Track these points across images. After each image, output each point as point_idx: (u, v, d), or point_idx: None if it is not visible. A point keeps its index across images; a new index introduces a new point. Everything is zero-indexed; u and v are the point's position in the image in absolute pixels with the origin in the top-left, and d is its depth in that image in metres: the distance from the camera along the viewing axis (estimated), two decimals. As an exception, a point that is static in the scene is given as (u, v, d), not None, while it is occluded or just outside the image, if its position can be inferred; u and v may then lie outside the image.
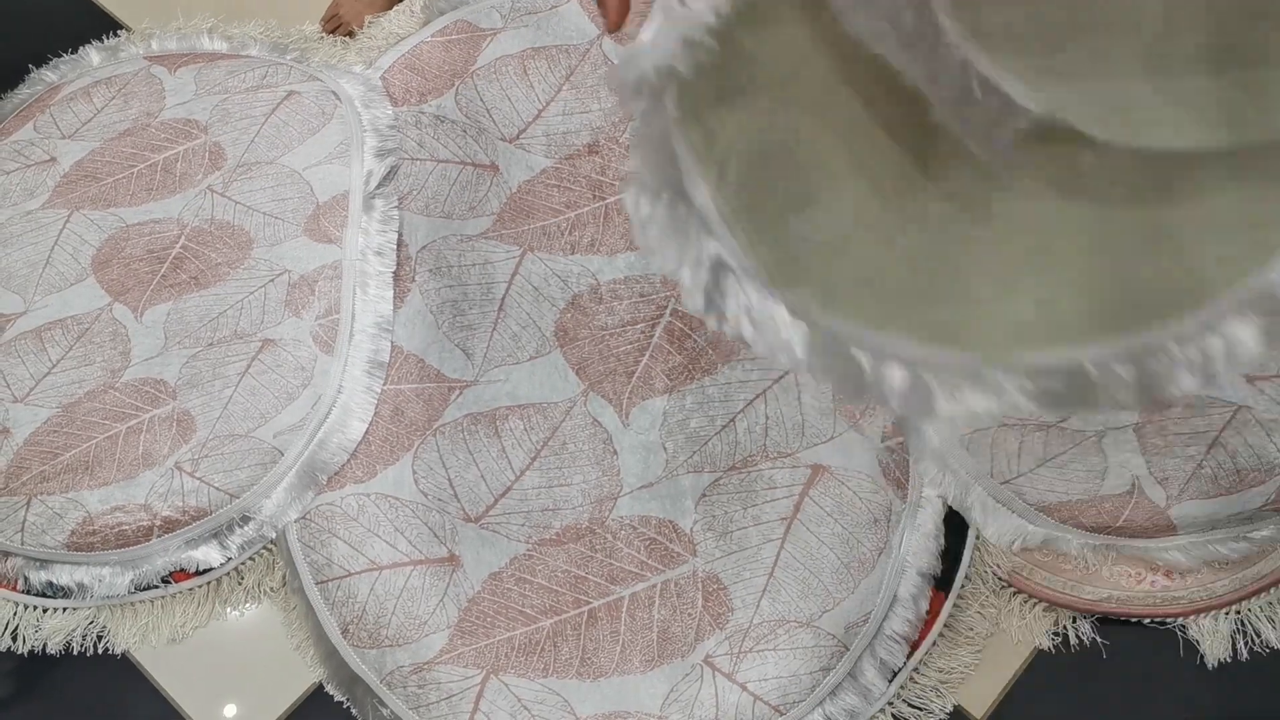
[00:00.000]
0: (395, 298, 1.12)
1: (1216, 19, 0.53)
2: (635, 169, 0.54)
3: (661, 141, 0.53)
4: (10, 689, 1.03)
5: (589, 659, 0.96)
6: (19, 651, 1.01)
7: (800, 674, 0.95)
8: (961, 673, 1.02)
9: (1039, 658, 1.04)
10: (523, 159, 1.23)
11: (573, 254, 1.17)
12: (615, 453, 1.05)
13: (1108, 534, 1.01)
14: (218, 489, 1.00)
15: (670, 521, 1.02)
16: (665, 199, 0.54)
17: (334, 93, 1.21)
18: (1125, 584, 1.03)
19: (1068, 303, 0.58)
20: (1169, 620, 1.03)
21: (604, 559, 1.01)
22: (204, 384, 1.03)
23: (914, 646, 1.00)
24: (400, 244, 1.14)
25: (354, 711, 0.99)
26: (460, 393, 1.10)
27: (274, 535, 1.03)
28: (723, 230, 0.55)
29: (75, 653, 1.02)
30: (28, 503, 0.99)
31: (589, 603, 0.98)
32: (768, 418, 1.07)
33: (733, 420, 1.06)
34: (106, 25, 1.35)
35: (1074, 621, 1.04)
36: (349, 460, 1.04)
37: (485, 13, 1.31)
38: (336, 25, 1.35)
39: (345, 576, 1.00)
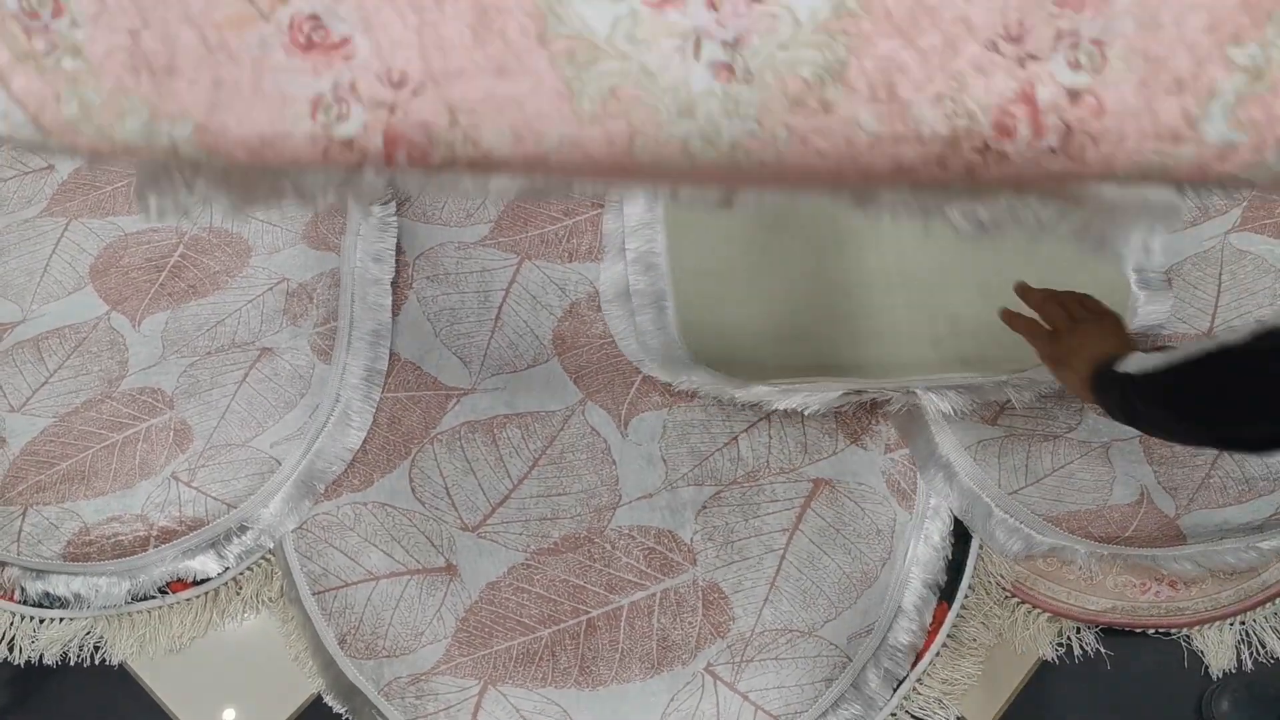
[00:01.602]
0: (393, 305, 1.11)
1: None
2: None
3: None
4: (6, 700, 1.02)
5: (588, 668, 0.95)
6: (15, 662, 1.00)
7: (803, 684, 0.94)
8: (965, 684, 1.01)
9: (1043, 668, 1.03)
10: None
11: (570, 261, 1.17)
12: (614, 463, 1.05)
13: (1117, 544, 1.00)
14: (215, 499, 0.99)
15: (670, 531, 1.01)
16: None
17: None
18: (1130, 594, 1.02)
19: None
20: (1173, 631, 1.02)
21: (602, 568, 1.00)
22: (202, 393, 1.03)
23: (918, 656, 0.99)
24: (398, 250, 1.14)
25: (352, 723, 0.98)
26: (458, 400, 1.09)
27: (271, 545, 1.02)
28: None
29: (72, 663, 1.01)
30: (24, 513, 0.99)
31: (588, 612, 0.98)
32: (770, 437, 1.06)
33: (735, 439, 1.06)
34: (105, 32, 1.34)
35: (1078, 632, 1.03)
36: (346, 469, 1.04)
37: None
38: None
39: (342, 587, 0.99)
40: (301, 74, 0.46)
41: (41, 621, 1.01)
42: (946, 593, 1.02)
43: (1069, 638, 1.03)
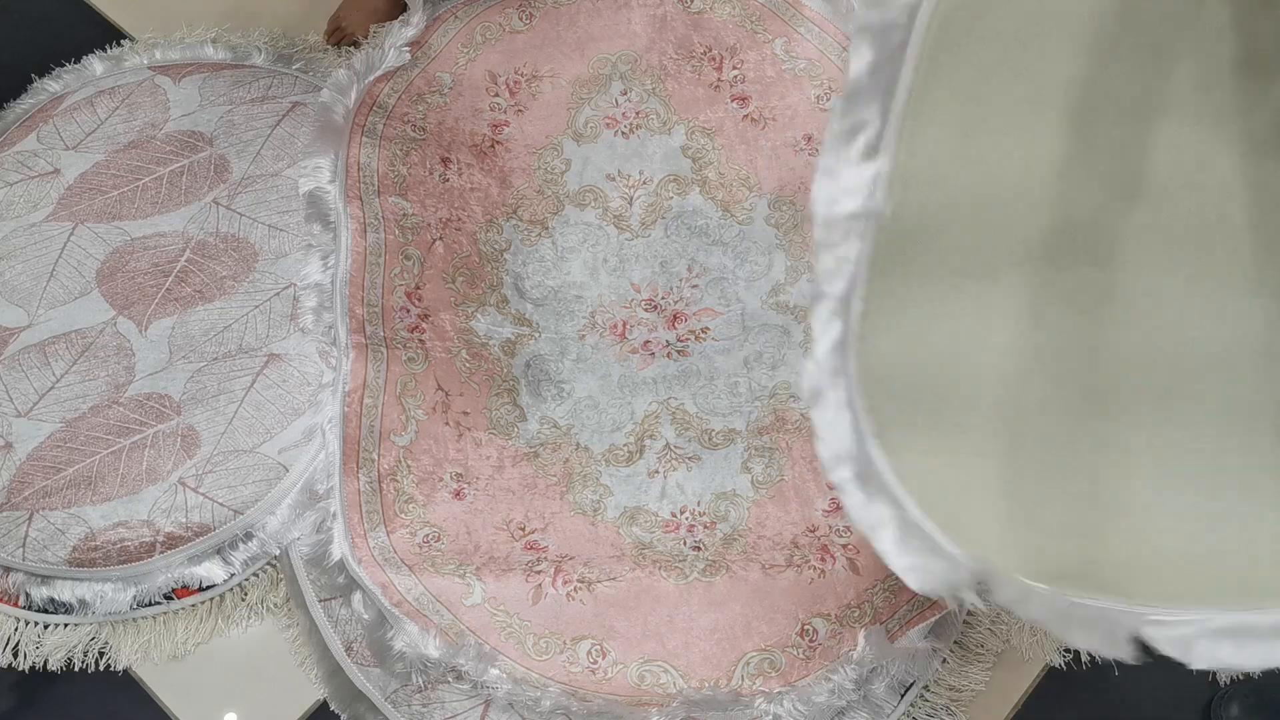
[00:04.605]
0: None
1: None
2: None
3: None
4: (11, 705, 1.02)
5: None
6: (20, 668, 1.00)
7: None
8: (972, 690, 1.01)
9: (1050, 674, 1.03)
10: None
11: None
12: None
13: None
14: (221, 505, 0.99)
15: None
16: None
17: (339, 104, 1.21)
18: (1137, 601, 1.02)
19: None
20: (1181, 637, 1.03)
21: None
22: (209, 399, 1.03)
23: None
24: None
25: (358, 730, 0.98)
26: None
27: (277, 551, 1.02)
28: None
29: (76, 669, 1.01)
30: (30, 518, 0.98)
31: None
32: None
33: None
34: (109, 34, 1.34)
35: (1085, 638, 1.03)
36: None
37: None
38: (341, 36, 1.34)
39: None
40: None
41: (46, 627, 1.01)
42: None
43: (1076, 644, 1.03)
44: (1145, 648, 0.48)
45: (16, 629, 1.01)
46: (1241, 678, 1.01)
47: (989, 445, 0.56)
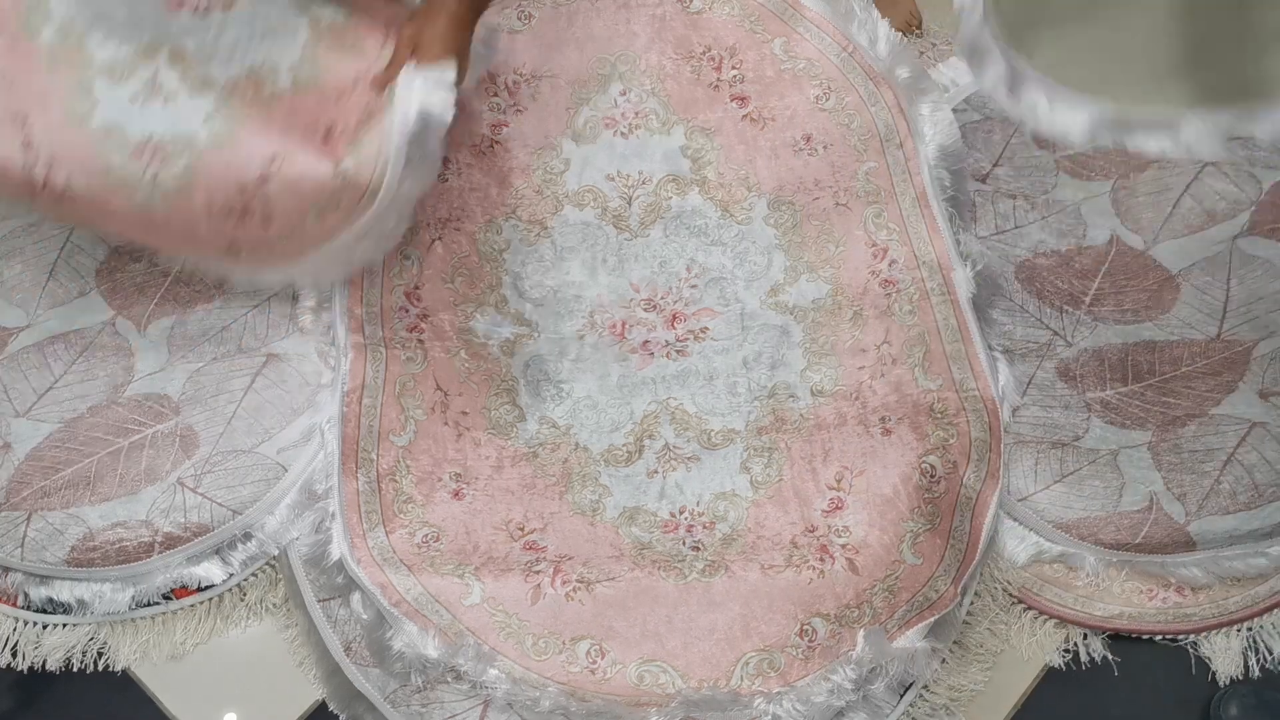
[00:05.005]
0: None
1: None
2: None
3: None
4: (9, 705, 1.02)
5: None
6: (18, 668, 1.00)
7: None
8: (971, 690, 1.01)
9: (1049, 675, 1.03)
10: None
11: None
12: None
13: (1126, 550, 1.01)
14: (220, 505, 0.99)
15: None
16: None
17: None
18: (1137, 601, 1.02)
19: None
20: (1181, 637, 1.03)
21: None
22: (207, 399, 1.03)
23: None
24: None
25: (357, 729, 0.98)
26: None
27: (276, 552, 1.02)
28: None
29: (75, 669, 1.01)
30: (28, 518, 0.98)
31: None
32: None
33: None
34: (109, 36, 1.34)
35: (1085, 639, 1.03)
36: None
37: None
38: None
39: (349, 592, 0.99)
40: None
41: (45, 627, 1.01)
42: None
43: (1075, 644, 1.03)
44: None
45: (15, 629, 1.01)
46: (1241, 678, 1.01)
47: (1095, 28, 0.74)
